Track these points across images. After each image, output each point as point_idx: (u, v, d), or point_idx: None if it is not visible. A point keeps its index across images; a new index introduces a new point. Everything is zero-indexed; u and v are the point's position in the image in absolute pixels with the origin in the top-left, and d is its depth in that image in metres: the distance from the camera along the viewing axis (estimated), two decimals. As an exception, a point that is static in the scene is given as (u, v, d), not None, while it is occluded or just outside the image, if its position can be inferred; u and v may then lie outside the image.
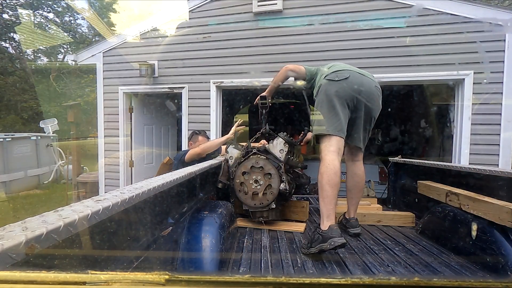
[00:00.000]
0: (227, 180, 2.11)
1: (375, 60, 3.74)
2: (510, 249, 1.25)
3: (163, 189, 0.97)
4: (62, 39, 17.07)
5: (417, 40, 3.62)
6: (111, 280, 0.40)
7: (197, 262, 1.21)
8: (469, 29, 3.47)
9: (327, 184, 1.59)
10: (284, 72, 2.04)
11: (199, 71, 4.36)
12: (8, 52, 15.55)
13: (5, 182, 6.95)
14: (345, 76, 1.71)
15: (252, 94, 4.24)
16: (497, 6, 3.70)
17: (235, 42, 4.20)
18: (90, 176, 5.70)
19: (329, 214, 1.56)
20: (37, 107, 15.28)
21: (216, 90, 4.32)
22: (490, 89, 3.45)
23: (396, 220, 2.20)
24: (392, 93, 4.91)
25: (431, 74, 3.61)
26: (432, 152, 5.89)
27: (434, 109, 5.37)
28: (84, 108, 13.91)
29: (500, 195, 1.48)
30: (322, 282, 0.39)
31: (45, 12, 16.65)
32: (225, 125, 4.75)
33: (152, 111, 5.31)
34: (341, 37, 3.84)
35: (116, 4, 18.22)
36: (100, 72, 4.78)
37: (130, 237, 0.82)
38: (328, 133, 1.68)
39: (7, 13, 15.07)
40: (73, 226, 0.54)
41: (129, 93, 4.79)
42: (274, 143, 2.06)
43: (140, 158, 5.04)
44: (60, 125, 9.77)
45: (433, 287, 0.39)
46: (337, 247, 1.44)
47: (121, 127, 4.75)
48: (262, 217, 1.99)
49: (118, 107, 4.74)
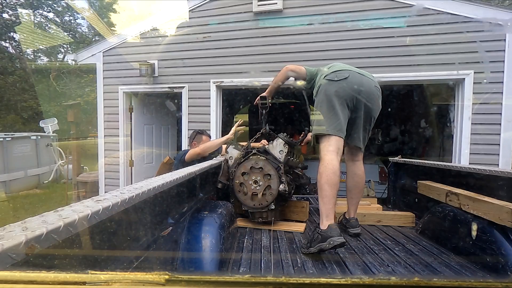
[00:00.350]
0: (227, 180, 2.11)
1: (375, 60, 3.74)
2: (510, 249, 1.25)
3: (163, 189, 0.97)
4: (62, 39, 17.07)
5: (417, 39, 3.62)
6: (111, 280, 0.40)
7: (197, 262, 1.21)
8: (469, 28, 3.47)
9: (326, 183, 1.59)
10: (285, 72, 2.05)
11: (199, 71, 4.36)
12: (8, 52, 15.54)
13: (5, 181, 6.95)
14: (344, 76, 1.71)
15: (252, 94, 4.24)
16: (497, 6, 3.70)
17: (235, 42, 4.20)
18: (90, 175, 5.70)
19: (328, 213, 1.56)
20: (37, 107, 15.28)
21: (216, 89, 4.32)
22: (490, 88, 3.45)
23: (396, 220, 2.20)
24: (392, 93, 4.91)
25: (431, 74, 3.61)
26: (432, 152, 5.89)
27: (434, 109, 5.37)
28: (84, 108, 13.91)
29: (500, 195, 1.48)
30: (322, 282, 0.39)
31: (45, 11, 16.65)
32: (225, 125, 4.75)
33: (152, 110, 5.31)
34: (341, 37, 3.84)
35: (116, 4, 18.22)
36: (100, 72, 4.78)
37: (130, 237, 0.82)
38: (327, 133, 1.68)
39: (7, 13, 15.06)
40: (73, 226, 0.54)
41: (129, 92, 4.79)
42: (274, 144, 2.06)
43: (140, 158, 5.04)
44: (60, 125, 9.77)
45: (433, 287, 0.39)
46: (336, 247, 1.44)
47: (121, 127, 4.75)
48: (261, 218, 1.99)
49: (118, 107, 4.75)
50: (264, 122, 2.23)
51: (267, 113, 2.21)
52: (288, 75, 2.06)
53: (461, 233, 1.54)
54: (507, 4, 9.58)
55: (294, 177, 2.25)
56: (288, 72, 2.04)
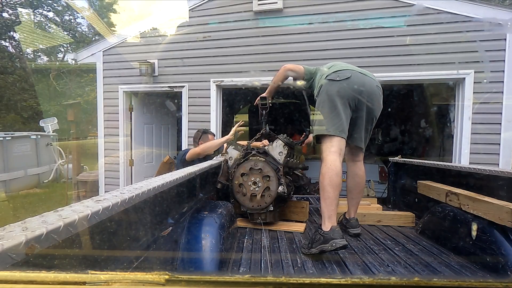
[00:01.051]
0: (226, 180, 2.11)
1: (375, 59, 3.74)
2: (510, 249, 1.25)
3: (163, 189, 0.97)
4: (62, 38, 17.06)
5: (418, 39, 3.62)
6: (111, 280, 0.40)
7: (197, 262, 1.21)
8: (470, 28, 3.47)
9: (328, 185, 1.58)
10: (283, 71, 2.04)
11: (199, 70, 4.36)
12: (8, 51, 15.54)
13: (5, 181, 6.95)
14: (346, 76, 1.70)
15: (252, 94, 4.24)
16: (497, 5, 3.70)
17: (235, 41, 4.20)
18: (90, 175, 5.70)
19: (331, 215, 1.55)
20: (37, 106, 15.28)
21: (216, 89, 4.32)
22: (490, 88, 3.44)
23: (396, 220, 2.20)
24: (392, 92, 4.91)
25: (432, 73, 3.61)
26: (432, 152, 5.89)
27: (435, 108, 5.37)
28: (84, 107, 13.91)
29: (500, 195, 1.48)
30: (322, 282, 0.39)
31: (45, 11, 16.64)
32: (225, 124, 4.75)
33: (152, 110, 5.31)
34: (341, 36, 3.83)
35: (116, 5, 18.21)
36: (100, 71, 4.78)
37: (130, 237, 0.82)
38: (329, 133, 1.67)
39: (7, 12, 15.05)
40: (73, 226, 0.54)
41: (129, 92, 4.79)
42: (274, 145, 2.05)
43: (140, 157, 5.04)
44: (60, 124, 9.77)
45: (433, 287, 0.39)
46: (338, 249, 1.44)
47: (121, 126, 4.75)
48: (260, 219, 1.99)
49: (118, 106, 4.74)
50: (264, 122, 2.23)
51: (267, 113, 2.21)
52: (287, 74, 2.05)
53: (461, 233, 1.54)
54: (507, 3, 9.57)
55: (294, 178, 2.25)
56: (287, 71, 2.03)
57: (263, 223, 1.99)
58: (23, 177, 7.45)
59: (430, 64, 3.58)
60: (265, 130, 2.24)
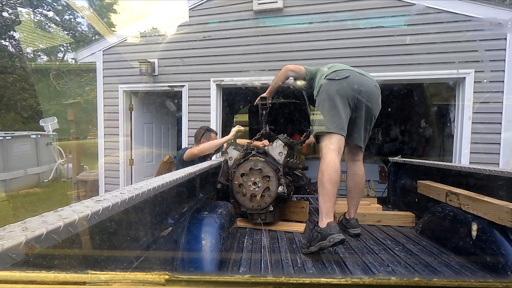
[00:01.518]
0: (226, 180, 2.11)
1: (375, 59, 3.73)
2: (510, 249, 1.25)
3: (163, 189, 0.97)
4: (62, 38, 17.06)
5: (418, 38, 3.62)
6: (111, 280, 0.40)
7: (197, 262, 1.21)
8: (470, 27, 3.46)
9: (327, 182, 1.59)
10: (284, 72, 2.05)
11: (199, 70, 4.35)
12: (8, 51, 15.53)
13: (5, 180, 6.95)
14: (345, 75, 1.72)
15: (253, 93, 4.24)
16: (497, 5, 3.69)
17: (235, 41, 4.20)
18: (90, 174, 5.71)
19: (328, 211, 1.56)
20: (37, 106, 15.29)
21: (216, 88, 4.32)
22: (490, 88, 3.44)
23: (396, 220, 2.20)
24: (392, 92, 4.91)
25: (432, 73, 3.61)
26: (432, 151, 5.89)
27: (435, 108, 5.37)
28: (84, 107, 13.91)
29: (500, 195, 1.48)
30: (322, 282, 0.39)
31: (44, 10, 16.63)
32: (225, 124, 4.75)
33: (152, 109, 5.31)
34: (342, 36, 3.83)
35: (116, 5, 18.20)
36: (100, 71, 4.78)
37: (130, 237, 0.82)
38: (329, 131, 1.68)
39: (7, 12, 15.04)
40: (73, 226, 0.54)
41: (129, 91, 4.79)
42: (274, 146, 2.05)
43: (140, 157, 5.04)
44: (60, 124, 9.77)
45: (433, 287, 0.39)
46: (336, 244, 1.44)
47: (121, 126, 4.75)
48: (260, 219, 1.99)
49: (118, 106, 4.74)
50: (264, 122, 2.23)
51: (267, 113, 2.21)
52: (288, 75, 2.06)
53: (461, 233, 1.54)
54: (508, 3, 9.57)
55: (294, 179, 2.25)
56: (288, 72, 2.05)
57: (263, 223, 1.99)
58: (23, 176, 7.45)
59: (430, 64, 3.58)
60: (265, 130, 2.24)
